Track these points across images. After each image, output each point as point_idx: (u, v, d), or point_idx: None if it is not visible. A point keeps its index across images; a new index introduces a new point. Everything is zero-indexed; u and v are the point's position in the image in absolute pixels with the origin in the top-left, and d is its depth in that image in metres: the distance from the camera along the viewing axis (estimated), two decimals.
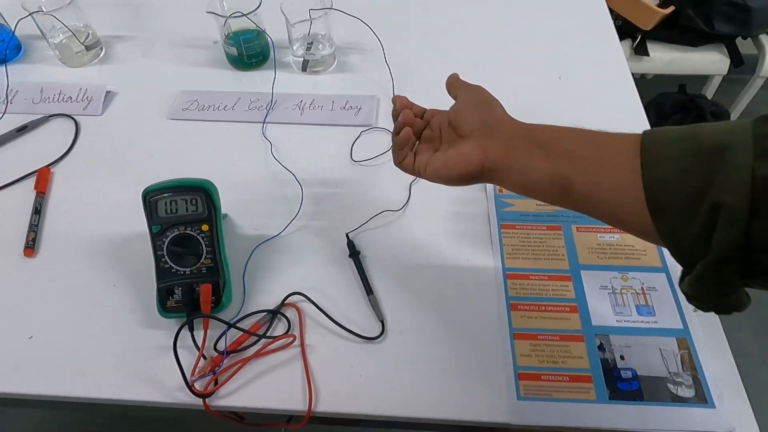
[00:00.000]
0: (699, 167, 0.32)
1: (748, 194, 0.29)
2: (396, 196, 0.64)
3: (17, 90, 0.74)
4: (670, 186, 0.33)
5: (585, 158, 0.38)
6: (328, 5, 0.72)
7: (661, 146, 0.35)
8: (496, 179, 0.43)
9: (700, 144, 0.32)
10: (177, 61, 0.81)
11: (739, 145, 0.30)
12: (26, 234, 0.59)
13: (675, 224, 0.33)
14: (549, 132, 0.41)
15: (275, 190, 0.64)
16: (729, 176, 0.30)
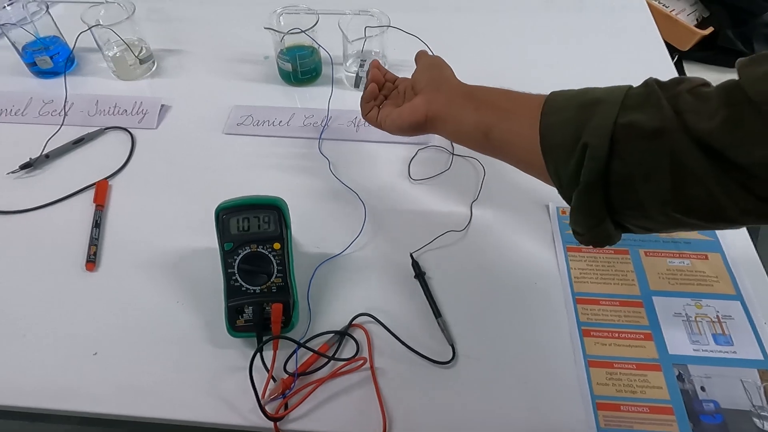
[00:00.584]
0: (578, 116, 0.39)
1: (608, 136, 0.36)
2: (457, 215, 0.63)
3: (73, 102, 0.74)
4: (556, 131, 0.41)
5: (505, 110, 0.46)
6: (386, 23, 0.72)
7: (558, 101, 0.42)
8: (437, 128, 0.52)
9: (584, 98, 0.40)
10: (229, 76, 0.81)
11: (611, 100, 0.38)
12: (87, 248, 0.59)
13: (558, 163, 0.40)
14: (483, 91, 0.50)
15: (336, 207, 0.63)
16: (596, 122, 0.37)
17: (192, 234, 0.60)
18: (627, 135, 0.36)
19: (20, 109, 0.74)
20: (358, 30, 0.73)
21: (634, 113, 0.37)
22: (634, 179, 0.37)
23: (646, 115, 0.36)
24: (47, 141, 0.69)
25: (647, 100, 0.37)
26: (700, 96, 0.35)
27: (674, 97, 0.36)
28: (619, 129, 0.37)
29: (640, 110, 0.36)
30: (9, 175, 0.66)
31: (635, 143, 0.36)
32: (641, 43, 0.89)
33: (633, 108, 0.37)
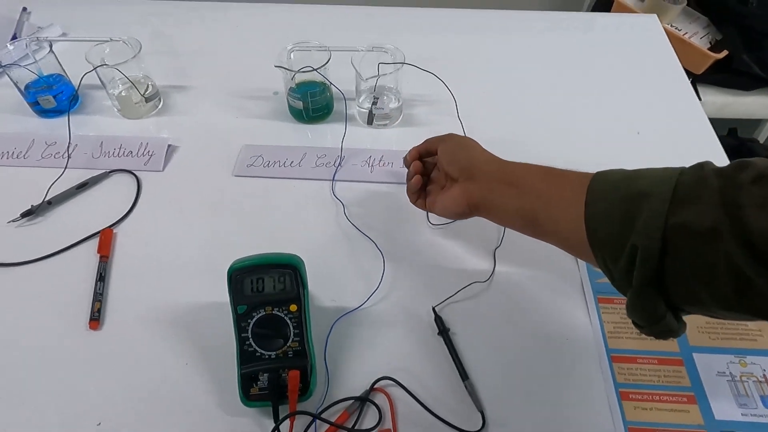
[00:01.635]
0: (625, 211, 0.36)
1: (659, 237, 0.34)
2: (479, 263, 0.60)
3: (77, 144, 0.72)
4: (602, 226, 0.38)
5: (547, 196, 0.44)
6: (400, 59, 0.70)
7: (603, 188, 0.40)
8: (481, 214, 0.51)
9: (629, 190, 0.37)
10: (237, 113, 0.78)
11: (659, 193, 0.35)
12: (91, 304, 0.56)
13: (607, 258, 0.38)
14: (520, 172, 0.48)
15: (352, 255, 0.60)
16: (645, 222, 0.35)
17: (202, 287, 0.57)
18: (679, 235, 0.34)
19: (22, 152, 0.71)
20: (370, 65, 0.70)
21: (686, 211, 0.33)
22: (692, 280, 0.34)
23: (699, 213, 0.33)
24: (50, 186, 0.66)
25: (701, 194, 0.33)
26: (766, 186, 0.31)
27: (734, 189, 0.32)
28: (671, 229, 0.34)
29: (693, 206, 0.33)
30: (10, 224, 0.64)
31: (689, 243, 0.33)
32: (657, 65, 0.87)
33: (684, 203, 0.34)
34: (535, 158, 0.48)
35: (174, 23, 0.96)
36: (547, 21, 0.98)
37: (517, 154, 0.51)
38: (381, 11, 0.98)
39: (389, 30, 0.94)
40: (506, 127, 0.75)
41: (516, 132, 0.74)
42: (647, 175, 0.38)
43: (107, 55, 0.73)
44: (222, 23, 0.96)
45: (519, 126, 0.76)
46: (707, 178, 0.34)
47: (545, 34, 0.94)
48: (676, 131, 0.75)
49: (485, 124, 0.74)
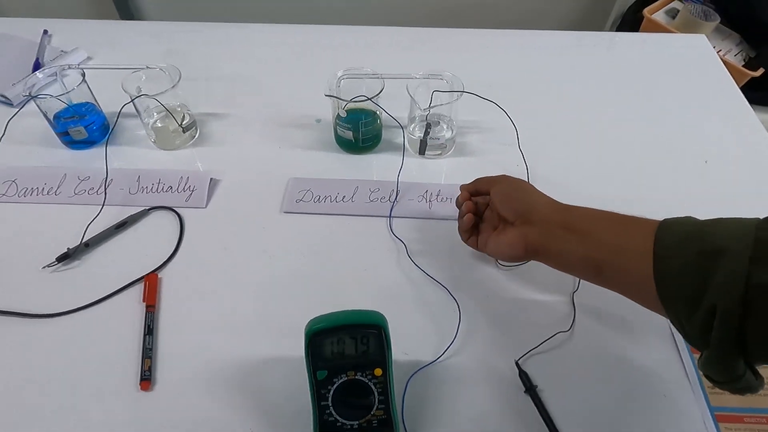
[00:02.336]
0: (699, 267, 0.34)
1: (741, 299, 0.31)
2: (558, 309, 0.55)
3: (112, 178, 0.67)
4: (676, 282, 0.36)
5: (612, 245, 0.42)
6: (458, 87, 0.66)
7: (673, 241, 0.37)
8: (539, 259, 0.49)
9: (703, 245, 0.35)
10: (279, 143, 0.74)
11: (737, 250, 0.32)
12: (140, 361, 0.51)
13: (680, 316, 0.36)
14: (581, 218, 0.46)
15: (420, 302, 0.56)
16: (723, 280, 0.32)
17: (262, 340, 0.53)
18: (763, 297, 0.31)
19: (53, 188, 0.67)
20: (426, 91, 0.66)
21: (765, 273, 0.31)
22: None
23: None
24: (87, 226, 0.61)
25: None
26: None
27: None
28: (753, 290, 0.31)
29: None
30: (44, 269, 0.59)
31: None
32: (714, 87, 0.83)
33: (766, 262, 0.31)
34: (601, 190, 0.45)
35: (206, 46, 0.91)
36: (597, 41, 0.94)
37: (582, 185, 0.48)
38: (417, 33, 0.95)
39: (427, 51, 0.90)
40: (568, 156, 0.71)
41: (579, 161, 0.70)
42: (720, 228, 0.35)
43: (143, 82, 0.68)
44: (258, 46, 0.92)
45: (582, 155, 0.72)
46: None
47: (596, 55, 0.90)
48: (743, 157, 0.71)
49: (544, 155, 0.70)
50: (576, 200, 0.49)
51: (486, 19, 1.66)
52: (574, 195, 0.50)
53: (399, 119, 0.70)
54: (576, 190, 0.53)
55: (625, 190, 0.66)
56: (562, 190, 0.51)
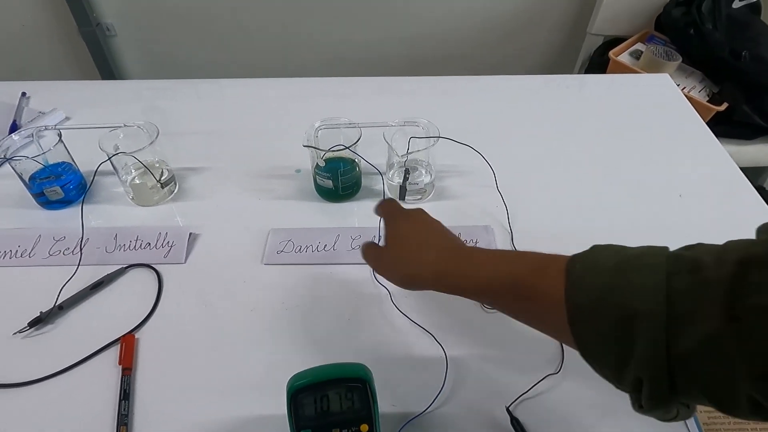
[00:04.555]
0: (619, 340, 0.31)
1: (666, 370, 0.29)
2: (546, 351, 0.54)
3: (88, 238, 0.66)
4: (598, 350, 0.33)
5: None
6: (434, 133, 0.67)
7: (584, 303, 0.33)
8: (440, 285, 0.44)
9: (617, 307, 0.31)
10: (259, 194, 0.74)
11: (651, 313, 0.30)
12: (115, 429, 0.48)
13: (607, 374, 0.34)
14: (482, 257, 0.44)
15: (406, 349, 0.55)
16: (644, 354, 0.30)
17: (244, 397, 0.51)
18: (686, 367, 0.29)
19: (27, 250, 0.65)
20: (402, 138, 0.67)
21: (688, 336, 0.29)
22: (708, 400, 0.30)
23: (703, 336, 0.28)
24: (61, 288, 0.60)
25: (699, 308, 0.29)
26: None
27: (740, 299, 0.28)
28: (675, 360, 0.29)
29: (694, 327, 0.29)
30: (15, 335, 0.56)
31: (701, 370, 0.29)
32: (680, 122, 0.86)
33: (684, 323, 0.29)
34: (580, 226, 0.44)
35: (183, 102, 0.93)
36: (567, 83, 0.98)
37: (561, 223, 0.48)
38: (391, 82, 0.97)
39: (401, 99, 0.93)
40: (546, 195, 0.72)
41: (557, 199, 0.71)
42: (632, 276, 0.32)
43: (121, 140, 0.69)
44: (235, 100, 0.93)
45: (560, 193, 0.73)
46: (703, 282, 0.29)
47: (568, 96, 0.94)
48: (715, 188, 0.73)
49: (522, 197, 0.71)
50: (557, 237, 0.49)
51: (458, 68, 1.72)
52: (554, 232, 0.50)
53: (378, 166, 0.70)
54: (556, 228, 0.53)
55: (605, 226, 0.67)
56: (542, 229, 0.52)
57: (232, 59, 1.69)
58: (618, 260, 0.33)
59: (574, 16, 1.62)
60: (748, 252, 0.29)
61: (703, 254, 0.31)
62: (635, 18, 1.50)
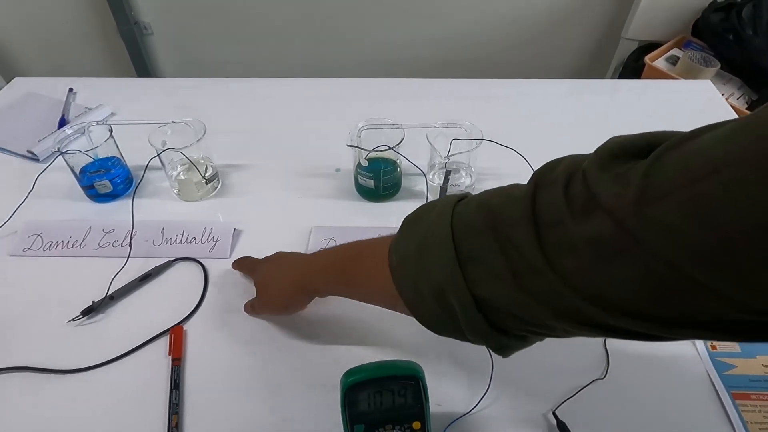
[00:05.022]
0: (446, 313, 0.35)
1: (485, 322, 0.33)
2: (590, 355, 0.54)
3: (136, 230, 0.68)
4: (439, 326, 0.37)
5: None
6: (477, 135, 0.67)
7: (412, 299, 0.37)
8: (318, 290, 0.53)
9: (431, 290, 0.35)
10: (300, 192, 0.75)
11: (451, 285, 0.33)
12: (167, 417, 0.50)
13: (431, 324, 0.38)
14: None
15: (451, 351, 0.55)
16: (464, 317, 0.34)
17: (294, 391, 0.51)
18: (494, 312, 0.33)
19: (78, 241, 0.67)
20: (445, 139, 0.67)
21: (486, 292, 0.33)
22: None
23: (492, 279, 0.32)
24: (112, 279, 0.61)
25: (488, 268, 0.32)
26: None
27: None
28: (488, 311, 0.33)
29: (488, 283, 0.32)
30: (69, 323, 0.58)
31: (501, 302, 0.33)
32: None
33: (479, 283, 0.33)
34: None
35: (225, 100, 0.94)
36: (605, 88, 0.97)
37: None
38: (429, 84, 0.98)
39: (441, 101, 0.93)
40: None
41: None
42: (430, 259, 0.35)
43: (168, 136, 0.70)
44: (277, 99, 0.95)
45: None
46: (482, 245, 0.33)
47: (609, 102, 0.93)
48: None
49: None
50: None
51: (487, 71, 1.71)
52: None
53: (419, 167, 0.71)
54: None
55: None
56: None
57: (263, 59, 1.71)
58: (418, 242, 0.37)
59: (608, 21, 1.60)
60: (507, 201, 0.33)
61: (474, 213, 0.34)
62: (671, 23, 1.48)
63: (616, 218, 0.25)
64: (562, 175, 0.30)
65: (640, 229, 0.25)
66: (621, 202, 0.25)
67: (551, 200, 0.30)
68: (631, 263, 0.25)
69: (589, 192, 0.27)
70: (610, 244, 0.26)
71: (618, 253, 0.26)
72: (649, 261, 0.25)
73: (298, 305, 0.55)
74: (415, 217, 0.40)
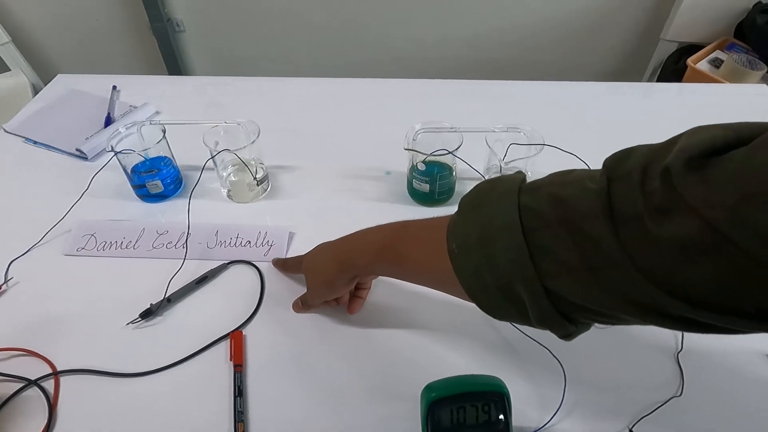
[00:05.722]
0: (512, 303, 0.35)
1: (556, 311, 0.33)
2: (664, 369, 0.52)
3: (190, 232, 0.67)
4: (503, 314, 0.37)
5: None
6: (538, 140, 0.66)
7: (474, 287, 0.37)
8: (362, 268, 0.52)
9: (495, 281, 0.35)
10: (351, 194, 0.74)
11: (521, 277, 0.33)
12: (233, 425, 0.49)
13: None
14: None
15: (521, 364, 0.53)
16: (534, 307, 0.34)
17: (363, 402, 0.50)
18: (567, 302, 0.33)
19: (132, 242, 0.67)
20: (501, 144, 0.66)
21: (557, 279, 0.32)
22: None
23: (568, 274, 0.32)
24: (169, 281, 0.61)
25: (559, 257, 0.32)
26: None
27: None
28: (557, 300, 0.33)
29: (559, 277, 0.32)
30: (127, 326, 0.58)
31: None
32: None
33: (550, 275, 0.32)
34: None
35: (269, 100, 0.94)
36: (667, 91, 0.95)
37: None
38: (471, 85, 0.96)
39: (486, 103, 0.91)
40: None
41: None
42: (495, 249, 0.35)
43: (221, 137, 0.69)
44: (321, 100, 0.94)
45: None
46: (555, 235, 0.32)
47: (668, 106, 0.91)
48: None
49: None
50: None
51: (521, 71, 1.69)
52: None
53: (480, 172, 0.70)
54: None
55: None
56: None
57: (295, 57, 1.70)
58: (480, 230, 0.36)
59: (646, 21, 1.57)
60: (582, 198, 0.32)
61: (545, 204, 0.33)
62: (714, 24, 1.44)
63: (707, 219, 0.25)
64: (637, 168, 0.30)
65: (735, 230, 0.25)
66: (712, 204, 0.25)
67: (627, 194, 0.29)
68: (722, 262, 0.25)
69: (674, 191, 0.27)
70: (698, 243, 0.26)
71: (707, 252, 0.26)
72: (741, 260, 0.25)
73: (343, 286, 0.53)
74: (474, 200, 0.39)
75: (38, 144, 0.84)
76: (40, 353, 0.55)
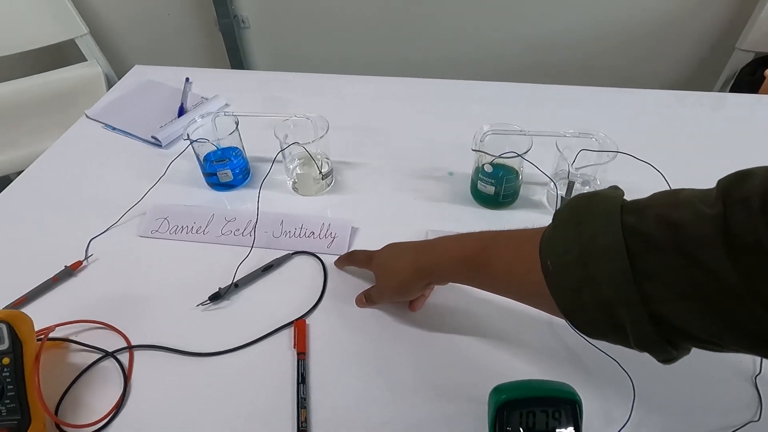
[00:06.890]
0: (609, 324, 0.34)
1: (658, 335, 0.33)
2: (740, 392, 0.50)
3: (258, 220, 0.69)
4: (598, 333, 0.36)
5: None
6: (611, 147, 0.64)
7: (566, 288, 0.36)
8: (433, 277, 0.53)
9: (594, 301, 0.34)
10: (412, 194, 0.74)
11: (622, 300, 0.33)
12: (296, 412, 0.50)
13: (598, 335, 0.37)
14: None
15: (586, 375, 0.52)
16: (635, 331, 0.33)
17: (425, 399, 0.50)
18: (670, 329, 0.32)
19: (202, 227, 0.69)
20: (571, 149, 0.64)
21: (663, 307, 0.32)
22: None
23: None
24: (237, 267, 0.63)
25: (664, 280, 0.31)
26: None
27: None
28: (662, 325, 0.32)
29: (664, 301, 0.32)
30: (197, 308, 0.60)
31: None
32: None
33: (655, 299, 0.32)
34: None
35: (335, 96, 0.95)
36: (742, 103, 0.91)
37: None
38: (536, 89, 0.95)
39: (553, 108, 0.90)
40: None
41: None
42: (596, 269, 0.34)
43: (291, 131, 0.71)
44: (384, 99, 0.95)
45: None
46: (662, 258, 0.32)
47: (744, 116, 0.87)
48: None
49: None
50: None
51: (585, 76, 1.65)
52: None
53: (541, 177, 0.68)
54: None
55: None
56: None
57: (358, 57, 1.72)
58: (580, 249, 0.35)
59: (720, 29, 1.50)
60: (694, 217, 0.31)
61: (653, 227, 0.32)
62: None
63: None
64: (758, 193, 0.28)
65: None
66: None
67: (747, 221, 0.28)
68: None
69: None
70: None
71: None
72: None
73: (416, 290, 0.55)
74: (572, 216, 0.38)
75: (116, 130, 0.89)
76: (116, 327, 0.58)
